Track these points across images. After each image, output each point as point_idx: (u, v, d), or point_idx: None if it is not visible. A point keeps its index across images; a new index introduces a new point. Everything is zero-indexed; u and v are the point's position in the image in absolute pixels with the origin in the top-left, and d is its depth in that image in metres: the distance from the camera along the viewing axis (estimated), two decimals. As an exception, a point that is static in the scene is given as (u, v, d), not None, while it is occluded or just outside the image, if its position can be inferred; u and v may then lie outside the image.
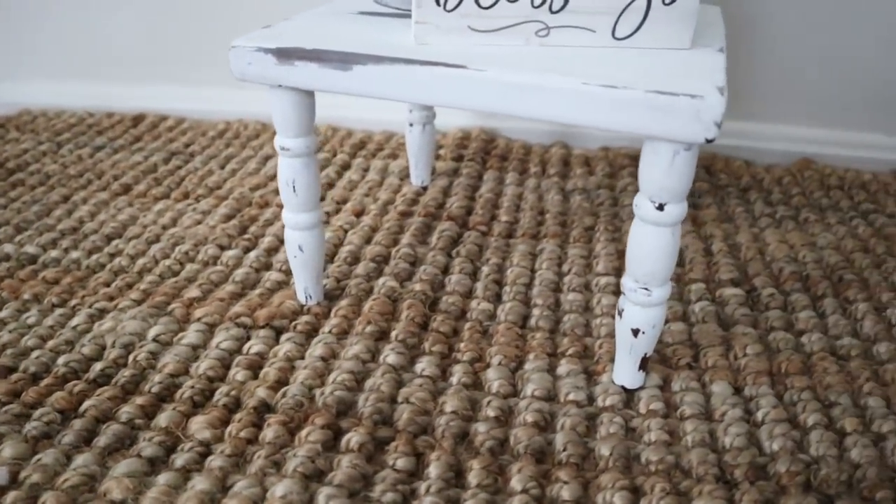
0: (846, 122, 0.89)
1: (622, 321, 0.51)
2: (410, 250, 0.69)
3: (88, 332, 0.59)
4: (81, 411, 0.51)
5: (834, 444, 0.49)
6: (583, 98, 0.43)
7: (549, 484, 0.46)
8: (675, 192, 0.45)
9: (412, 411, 0.51)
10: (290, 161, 0.54)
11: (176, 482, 0.46)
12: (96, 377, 0.54)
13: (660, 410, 0.52)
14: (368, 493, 0.45)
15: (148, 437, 0.49)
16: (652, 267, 0.48)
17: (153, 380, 0.54)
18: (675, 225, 0.46)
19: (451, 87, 0.45)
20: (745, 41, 0.86)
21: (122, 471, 0.46)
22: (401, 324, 0.59)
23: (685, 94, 0.41)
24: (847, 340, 0.59)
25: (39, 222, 0.75)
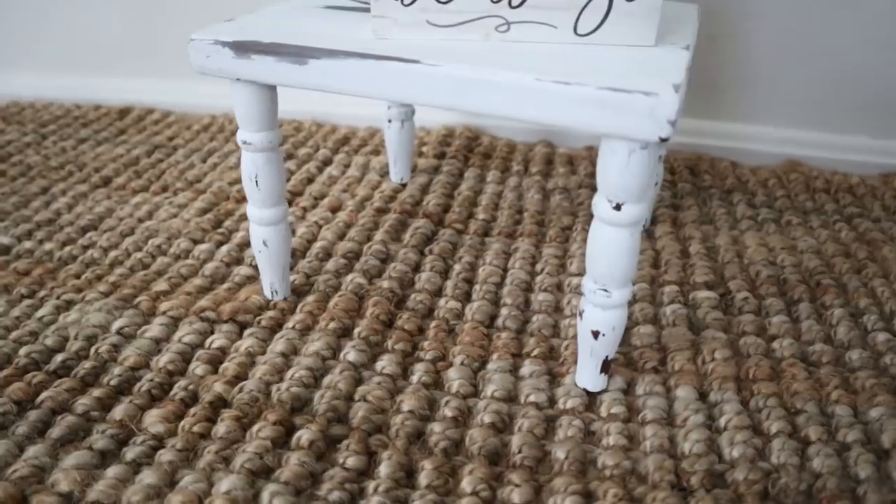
0: (834, 124, 0.87)
1: (582, 323, 0.50)
2: (382, 247, 0.69)
3: (53, 323, 0.59)
4: (38, 402, 0.51)
5: (796, 452, 0.48)
6: (535, 94, 0.42)
7: (501, 486, 0.45)
8: (631, 192, 0.44)
9: (367, 409, 0.50)
10: (253, 156, 0.54)
11: (125, 475, 0.45)
12: (56, 368, 0.54)
13: (621, 414, 0.51)
14: (315, 492, 0.44)
15: (101, 429, 0.49)
16: (610, 268, 0.47)
17: (113, 372, 0.54)
18: (633, 225, 0.46)
19: (404, 83, 0.44)
20: (734, 41, 0.85)
21: (72, 463, 0.46)
22: (365, 321, 0.59)
23: (638, 92, 0.40)
24: (819, 346, 0.58)
25: (17, 213, 0.75)
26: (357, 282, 0.63)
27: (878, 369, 0.56)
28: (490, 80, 0.42)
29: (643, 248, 0.71)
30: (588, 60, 0.44)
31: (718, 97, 0.89)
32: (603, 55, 0.45)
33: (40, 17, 1.03)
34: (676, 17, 0.57)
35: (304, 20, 0.52)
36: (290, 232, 0.59)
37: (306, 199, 0.79)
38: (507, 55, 0.45)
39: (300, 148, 0.91)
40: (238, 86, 0.51)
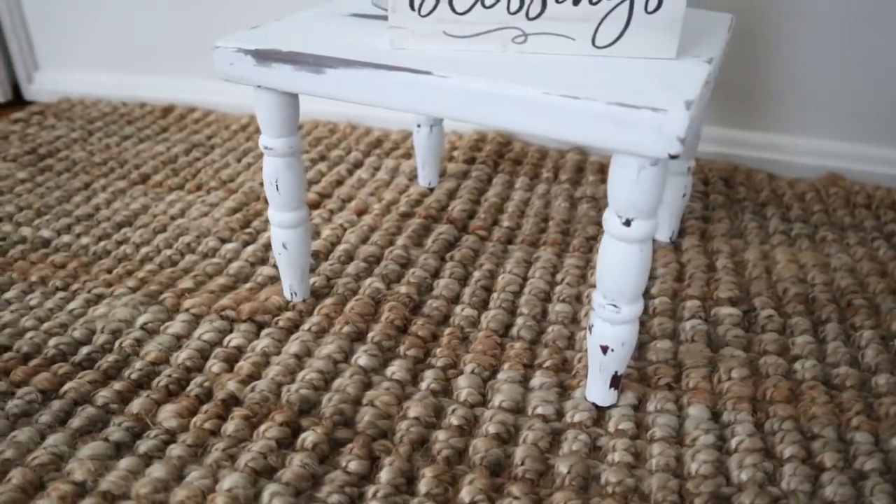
0: (879, 136, 0.84)
1: (591, 337, 0.50)
2: (403, 252, 0.69)
3: (83, 316, 0.61)
4: (62, 392, 0.53)
5: (808, 479, 0.47)
6: (544, 108, 0.42)
7: (500, 498, 0.45)
8: (641, 208, 0.43)
9: (374, 414, 0.51)
10: (273, 160, 0.55)
11: (136, 468, 0.47)
12: (82, 360, 0.56)
13: (629, 431, 0.51)
14: (315, 493, 0.45)
15: (119, 421, 0.50)
16: (619, 283, 0.46)
17: (134, 366, 0.56)
18: (643, 241, 0.45)
19: (415, 94, 0.44)
20: (775, 49, 0.83)
21: (87, 453, 0.48)
22: (379, 326, 0.59)
23: (647, 108, 0.39)
24: (844, 369, 0.56)
25: (59, 207, 0.79)
26: (375, 286, 0.64)
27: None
28: (499, 94, 0.42)
29: (668, 261, 0.70)
30: (603, 74, 0.44)
31: (757, 107, 0.87)
32: (620, 68, 0.45)
33: (92, 17, 1.07)
34: (707, 27, 0.56)
35: (328, 28, 0.53)
36: (309, 235, 0.60)
37: (334, 202, 0.80)
38: (522, 67, 0.45)
39: (333, 150, 0.93)
40: (259, 92, 0.52)
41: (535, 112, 0.42)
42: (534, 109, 0.42)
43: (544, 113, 0.42)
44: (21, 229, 0.74)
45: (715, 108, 0.88)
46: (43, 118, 1.02)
